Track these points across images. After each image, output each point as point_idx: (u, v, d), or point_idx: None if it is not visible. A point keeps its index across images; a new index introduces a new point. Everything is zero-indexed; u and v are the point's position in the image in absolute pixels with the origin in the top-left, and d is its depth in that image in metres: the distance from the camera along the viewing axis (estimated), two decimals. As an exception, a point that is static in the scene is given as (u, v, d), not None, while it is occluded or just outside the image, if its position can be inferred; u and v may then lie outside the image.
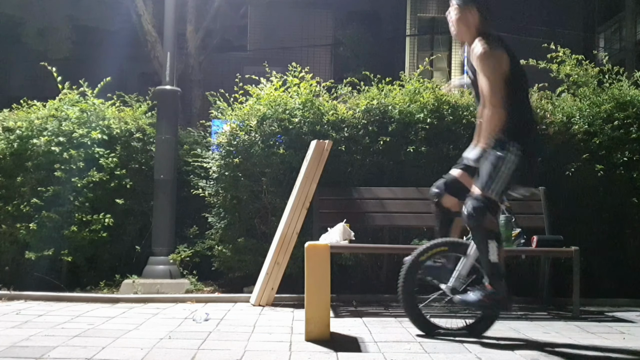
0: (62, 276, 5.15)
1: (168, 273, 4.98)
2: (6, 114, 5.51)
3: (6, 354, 2.85)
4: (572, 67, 5.36)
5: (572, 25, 17.11)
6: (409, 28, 15.94)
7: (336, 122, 4.98)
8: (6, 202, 5.18)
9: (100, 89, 5.61)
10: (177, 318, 3.92)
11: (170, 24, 5.41)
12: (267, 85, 5.12)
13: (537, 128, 3.46)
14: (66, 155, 5.12)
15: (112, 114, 5.50)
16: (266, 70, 5.27)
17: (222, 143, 5.03)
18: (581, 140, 4.99)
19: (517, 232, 4.35)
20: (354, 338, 3.35)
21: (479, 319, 3.43)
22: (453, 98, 5.13)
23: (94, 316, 3.96)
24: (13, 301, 4.60)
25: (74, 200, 5.09)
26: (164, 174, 5.10)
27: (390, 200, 4.75)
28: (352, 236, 4.30)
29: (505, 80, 3.14)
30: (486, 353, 3.02)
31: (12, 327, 3.51)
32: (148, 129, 5.49)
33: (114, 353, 2.93)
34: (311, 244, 3.35)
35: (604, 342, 3.35)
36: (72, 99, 5.49)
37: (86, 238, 5.08)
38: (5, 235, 5.17)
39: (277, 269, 4.45)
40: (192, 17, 10.43)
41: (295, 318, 3.93)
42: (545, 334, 3.56)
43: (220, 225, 5.01)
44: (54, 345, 3.05)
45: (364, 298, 4.71)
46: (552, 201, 4.73)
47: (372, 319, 3.93)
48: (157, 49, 9.81)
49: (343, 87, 5.31)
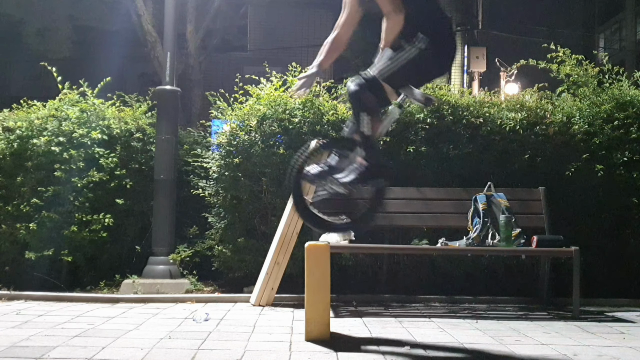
0: (62, 276, 5.15)
1: (168, 273, 4.98)
2: (6, 114, 5.51)
3: (6, 354, 2.85)
4: (572, 67, 5.36)
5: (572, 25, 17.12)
6: (409, 28, 15.93)
7: (336, 122, 4.97)
8: (6, 202, 5.18)
9: (100, 89, 5.61)
10: (177, 318, 3.92)
11: (170, 24, 5.41)
12: (267, 85, 5.12)
13: (448, 23, 3.44)
14: (66, 155, 5.11)
15: (112, 114, 5.50)
16: (266, 70, 5.27)
17: (222, 143, 5.03)
18: (581, 140, 4.99)
19: (517, 232, 4.35)
20: (354, 338, 3.34)
21: (364, 213, 3.34)
22: (453, 98, 5.13)
23: (94, 316, 3.96)
24: (13, 301, 4.61)
25: (74, 200, 5.09)
26: (164, 174, 5.10)
27: (390, 200, 4.73)
28: (352, 236, 4.30)
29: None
30: (486, 353, 3.02)
31: (12, 327, 3.51)
32: (148, 129, 5.49)
33: (114, 353, 2.92)
34: (311, 244, 3.35)
35: (604, 342, 3.35)
36: (72, 99, 5.49)
37: (86, 238, 5.08)
38: (5, 235, 5.17)
39: (277, 269, 4.45)
40: (192, 17, 10.44)
41: (295, 318, 3.93)
42: (545, 334, 3.56)
43: (220, 225, 5.01)
44: (54, 345, 3.05)
45: (364, 298, 4.71)
46: (552, 201, 4.74)
47: (372, 319, 3.93)
48: (157, 49, 9.81)
49: (343, 87, 5.31)
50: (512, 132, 4.95)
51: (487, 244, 4.37)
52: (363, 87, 3.13)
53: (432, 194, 4.77)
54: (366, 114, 3.12)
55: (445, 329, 3.64)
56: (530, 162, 4.93)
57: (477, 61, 14.50)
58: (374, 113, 3.17)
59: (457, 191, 4.77)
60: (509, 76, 12.80)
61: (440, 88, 5.18)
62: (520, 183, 4.91)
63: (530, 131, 4.98)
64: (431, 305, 4.61)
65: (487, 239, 4.40)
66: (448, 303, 4.68)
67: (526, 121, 4.99)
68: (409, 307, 4.54)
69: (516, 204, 4.60)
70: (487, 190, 4.61)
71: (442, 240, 4.41)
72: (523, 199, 4.72)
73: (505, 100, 5.41)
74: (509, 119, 4.97)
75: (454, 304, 4.67)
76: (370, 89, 3.14)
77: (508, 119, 4.97)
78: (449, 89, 5.40)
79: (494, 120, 5.01)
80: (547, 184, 4.79)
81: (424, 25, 3.13)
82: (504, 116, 5.02)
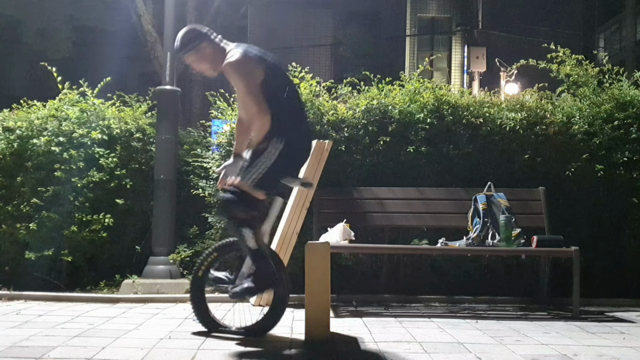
0: (62, 276, 5.14)
1: (168, 273, 4.98)
2: (6, 114, 5.50)
3: (6, 354, 2.85)
4: (572, 67, 5.36)
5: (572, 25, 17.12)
6: (409, 28, 15.96)
7: (336, 122, 4.98)
8: (6, 202, 5.18)
9: (100, 89, 5.60)
10: (177, 318, 3.92)
11: (170, 24, 5.40)
12: (267, 85, 5.11)
13: (304, 121, 3.49)
14: (66, 155, 5.11)
15: (112, 114, 5.50)
16: (266, 70, 5.25)
17: (222, 143, 5.02)
18: (581, 140, 4.99)
19: (517, 232, 4.35)
20: (354, 338, 3.35)
21: (262, 319, 3.39)
22: (453, 98, 5.13)
23: (94, 316, 3.96)
24: (13, 301, 4.61)
25: (74, 200, 5.09)
26: (164, 174, 5.10)
27: (390, 200, 4.75)
28: (352, 236, 4.30)
29: (261, 85, 3.16)
30: (486, 353, 3.03)
31: (12, 327, 3.51)
32: (148, 129, 5.49)
33: (114, 353, 2.92)
34: (311, 244, 3.35)
35: (604, 342, 3.35)
36: (72, 99, 5.49)
37: (86, 238, 5.08)
38: (5, 235, 5.16)
39: (277, 269, 4.45)
40: (192, 17, 10.43)
41: (295, 318, 3.93)
42: (545, 334, 3.56)
43: (221, 225, 5.00)
44: (54, 345, 3.05)
45: (364, 298, 4.71)
46: (552, 201, 4.74)
47: (372, 319, 3.93)
48: (157, 49, 9.81)
49: (343, 87, 5.31)
50: (512, 132, 4.95)
51: (487, 244, 4.37)
52: (235, 202, 3.13)
53: (432, 194, 4.78)
54: (247, 229, 3.13)
55: (445, 329, 3.64)
56: (530, 162, 4.94)
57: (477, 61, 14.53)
58: (253, 225, 3.17)
59: (457, 191, 4.78)
60: (509, 76, 12.81)
61: (440, 88, 5.18)
62: (520, 183, 4.91)
63: (530, 131, 4.98)
64: (431, 305, 4.61)
65: (487, 239, 4.41)
66: (448, 303, 4.68)
67: (526, 121, 4.99)
68: (409, 307, 4.54)
69: (516, 204, 4.61)
70: (487, 190, 4.61)
71: (442, 240, 4.42)
72: (523, 199, 4.72)
73: (505, 100, 5.41)
74: (509, 119, 4.97)
75: (454, 304, 4.67)
76: (242, 201, 3.13)
77: (508, 119, 4.97)
78: (449, 89, 5.40)
79: (494, 120, 5.01)
80: (547, 184, 4.79)
81: (284, 125, 3.18)
82: (504, 116, 5.02)
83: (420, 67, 5.35)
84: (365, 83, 5.31)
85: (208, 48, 3.27)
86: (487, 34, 15.05)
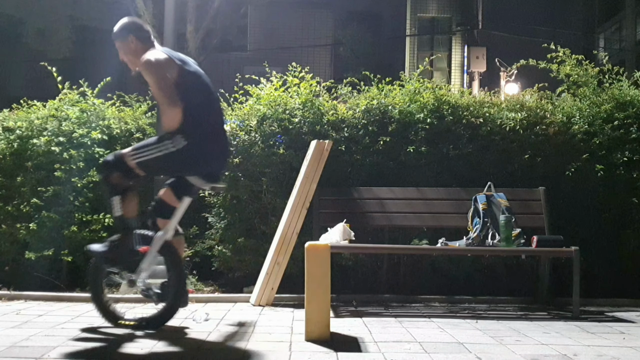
0: (62, 276, 5.14)
1: (168, 273, 4.97)
2: (6, 114, 5.50)
3: (6, 354, 2.85)
4: (572, 67, 5.36)
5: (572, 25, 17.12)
6: (409, 28, 15.96)
7: (336, 122, 4.98)
8: (6, 202, 5.17)
9: (100, 89, 5.60)
10: (177, 318, 3.91)
11: (170, 24, 5.41)
12: (267, 85, 5.12)
13: (218, 124, 3.56)
14: (66, 155, 5.11)
15: (112, 114, 5.50)
16: (266, 70, 5.27)
17: (222, 143, 5.01)
18: (581, 140, 4.99)
19: (517, 232, 4.35)
20: (354, 338, 3.35)
21: (160, 312, 3.44)
22: (453, 98, 5.13)
23: (94, 316, 3.94)
24: (13, 301, 4.60)
25: (74, 200, 5.09)
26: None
27: (390, 200, 4.75)
28: (352, 236, 4.30)
29: (173, 84, 3.28)
30: (486, 353, 3.03)
31: (12, 327, 3.51)
32: (148, 129, 5.48)
33: (114, 353, 2.92)
34: (311, 244, 3.35)
35: (604, 342, 3.35)
36: (72, 99, 5.49)
37: (86, 238, 5.07)
38: (5, 235, 5.16)
39: (277, 269, 4.45)
40: (192, 17, 10.42)
41: (295, 318, 3.93)
42: (545, 334, 3.56)
43: (220, 225, 5.01)
44: (54, 345, 3.05)
45: (364, 298, 4.71)
46: (552, 201, 4.74)
47: (372, 319, 3.93)
48: (157, 49, 9.78)
49: (343, 87, 5.31)
50: (512, 132, 4.95)
51: (487, 244, 4.37)
52: (112, 166, 3.29)
53: (432, 194, 4.78)
54: (117, 196, 3.29)
55: (445, 329, 3.64)
56: (530, 162, 4.94)
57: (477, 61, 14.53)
58: (124, 193, 3.33)
59: (457, 191, 4.78)
60: (509, 76, 12.82)
61: (440, 88, 5.18)
62: (520, 183, 4.91)
63: (530, 131, 4.98)
64: (431, 305, 4.61)
65: (487, 239, 4.41)
66: (448, 303, 4.68)
67: (526, 121, 4.99)
68: (409, 307, 4.54)
69: (516, 204, 4.61)
70: (487, 190, 4.61)
71: (442, 240, 4.42)
72: (523, 199, 4.72)
73: (505, 100, 5.41)
74: (509, 119, 4.97)
75: (454, 304, 4.67)
76: (118, 168, 3.28)
77: (508, 119, 4.97)
78: (449, 89, 5.40)
79: (494, 120, 5.01)
80: (547, 184, 4.79)
81: (191, 125, 3.26)
82: (504, 116, 5.02)
83: (420, 67, 5.35)
84: (365, 83, 5.31)
85: (133, 43, 3.46)
86: (487, 34, 15.05)
